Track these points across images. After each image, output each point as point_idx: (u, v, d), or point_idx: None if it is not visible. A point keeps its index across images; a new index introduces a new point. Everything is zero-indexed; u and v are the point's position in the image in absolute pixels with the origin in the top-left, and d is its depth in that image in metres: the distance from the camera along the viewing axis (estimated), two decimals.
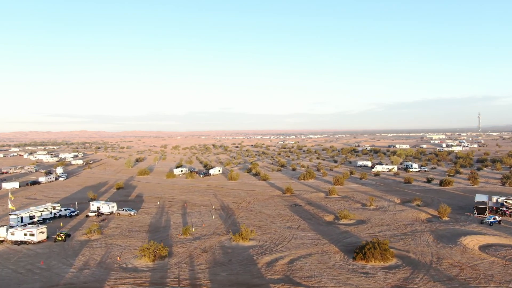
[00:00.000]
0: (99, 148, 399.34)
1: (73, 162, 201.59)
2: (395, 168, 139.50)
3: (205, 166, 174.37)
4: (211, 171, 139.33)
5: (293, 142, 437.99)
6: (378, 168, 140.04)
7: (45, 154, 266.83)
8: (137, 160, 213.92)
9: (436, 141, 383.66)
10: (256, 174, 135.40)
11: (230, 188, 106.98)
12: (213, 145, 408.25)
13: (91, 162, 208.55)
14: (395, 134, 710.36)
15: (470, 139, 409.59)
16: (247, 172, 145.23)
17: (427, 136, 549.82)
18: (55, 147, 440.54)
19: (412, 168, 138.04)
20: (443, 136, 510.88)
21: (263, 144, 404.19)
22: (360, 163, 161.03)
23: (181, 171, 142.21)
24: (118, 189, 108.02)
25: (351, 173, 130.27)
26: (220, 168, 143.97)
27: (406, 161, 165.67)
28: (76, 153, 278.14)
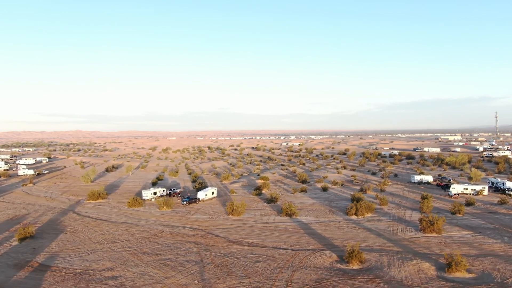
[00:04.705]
0: (79, 150, 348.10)
1: (21, 172, 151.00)
2: (485, 189, 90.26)
3: (194, 180, 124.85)
4: (201, 195, 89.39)
5: (298, 144, 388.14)
6: (457, 188, 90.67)
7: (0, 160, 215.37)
8: (107, 170, 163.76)
9: (460, 143, 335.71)
10: (271, 201, 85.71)
11: (232, 241, 57.41)
12: (209, 147, 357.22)
13: (45, 172, 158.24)
14: (403, 135, 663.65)
15: (494, 140, 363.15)
16: (256, 195, 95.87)
17: (442, 137, 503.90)
18: (30, 149, 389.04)
19: (507, 188, 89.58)
20: (459, 137, 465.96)
21: (265, 146, 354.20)
22: (417, 178, 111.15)
23: (155, 193, 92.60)
24: (21, 240, 58.04)
25: (425, 198, 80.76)
26: (214, 189, 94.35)
27: (485, 176, 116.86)
28: (41, 158, 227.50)
